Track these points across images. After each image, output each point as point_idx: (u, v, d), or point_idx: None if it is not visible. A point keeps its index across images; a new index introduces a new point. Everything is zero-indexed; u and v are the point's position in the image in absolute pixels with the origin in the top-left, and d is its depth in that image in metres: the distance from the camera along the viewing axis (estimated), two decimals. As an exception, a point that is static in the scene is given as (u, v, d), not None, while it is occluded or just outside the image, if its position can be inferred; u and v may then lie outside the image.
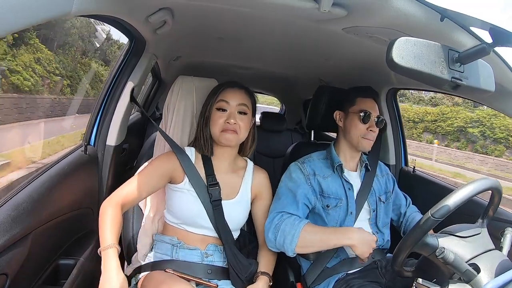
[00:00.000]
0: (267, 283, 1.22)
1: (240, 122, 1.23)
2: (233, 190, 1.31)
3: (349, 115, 1.41)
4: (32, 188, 0.99)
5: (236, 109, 1.24)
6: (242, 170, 1.35)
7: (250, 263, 1.27)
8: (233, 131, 1.22)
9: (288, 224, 1.23)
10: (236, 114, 1.24)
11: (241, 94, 1.27)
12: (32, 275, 1.01)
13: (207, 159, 1.29)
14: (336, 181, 1.38)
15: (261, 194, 1.36)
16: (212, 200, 1.23)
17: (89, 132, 1.42)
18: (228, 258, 1.24)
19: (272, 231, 1.25)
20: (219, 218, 1.24)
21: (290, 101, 3.70)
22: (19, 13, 0.55)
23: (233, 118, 1.22)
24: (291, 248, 1.22)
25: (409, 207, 1.53)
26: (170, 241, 1.26)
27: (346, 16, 0.99)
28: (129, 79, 1.48)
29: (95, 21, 13.73)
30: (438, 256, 0.89)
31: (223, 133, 1.22)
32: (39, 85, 9.90)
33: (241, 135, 1.25)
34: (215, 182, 1.26)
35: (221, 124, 1.22)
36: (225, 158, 1.31)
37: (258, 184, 1.36)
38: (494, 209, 1.05)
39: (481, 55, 0.77)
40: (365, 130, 1.37)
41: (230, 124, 1.21)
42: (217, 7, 1.17)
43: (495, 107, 1.29)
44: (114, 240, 1.03)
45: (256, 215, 1.37)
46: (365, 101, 1.40)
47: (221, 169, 1.30)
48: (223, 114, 1.23)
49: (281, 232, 1.23)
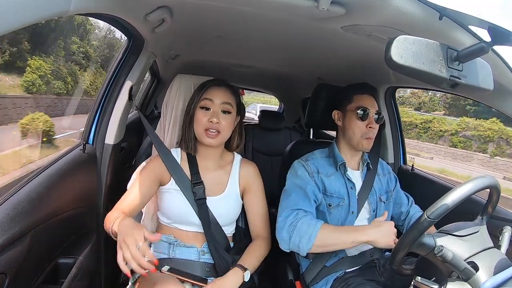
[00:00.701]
0: (238, 275, 1.17)
1: (223, 121, 1.23)
2: (220, 185, 1.31)
3: (347, 113, 1.40)
4: (31, 187, 0.99)
5: (220, 107, 1.24)
6: (229, 165, 1.36)
7: (234, 260, 1.25)
8: (215, 132, 1.22)
9: (304, 223, 1.21)
10: (220, 113, 1.24)
11: (226, 92, 1.27)
12: (31, 274, 1.01)
13: (192, 158, 1.30)
14: (339, 180, 1.37)
15: (250, 186, 1.36)
16: (196, 198, 1.24)
17: (87, 131, 1.42)
18: (212, 255, 1.25)
19: (287, 230, 1.22)
20: (205, 216, 1.24)
21: (289, 99, 3.70)
22: (17, 12, 0.55)
23: (216, 117, 1.22)
24: (307, 247, 1.19)
25: (412, 207, 1.52)
26: (167, 239, 1.26)
27: (344, 15, 0.99)
28: (127, 77, 1.48)
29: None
30: (437, 255, 0.90)
31: (205, 134, 1.22)
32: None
33: (224, 134, 1.25)
34: (199, 181, 1.27)
35: (205, 123, 1.22)
36: (210, 157, 1.32)
37: (245, 176, 1.35)
38: (493, 207, 1.05)
39: (479, 54, 0.77)
40: (365, 128, 1.35)
41: (213, 123, 1.21)
42: (215, 6, 1.16)
43: (493, 106, 1.29)
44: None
45: (247, 208, 1.36)
46: (362, 97, 1.39)
47: (208, 167, 1.31)
48: (206, 113, 1.24)
49: (297, 231, 1.20)
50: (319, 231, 1.19)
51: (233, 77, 2.94)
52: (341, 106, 1.44)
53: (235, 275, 1.17)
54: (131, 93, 1.47)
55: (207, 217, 1.24)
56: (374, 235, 1.17)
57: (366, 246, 1.37)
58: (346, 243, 1.20)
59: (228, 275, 1.17)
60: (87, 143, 1.39)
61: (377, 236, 1.17)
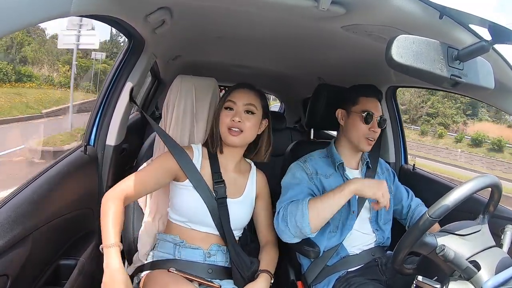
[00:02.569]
0: (268, 281, 1.22)
1: (246, 121, 1.24)
2: (238, 189, 1.32)
3: (351, 114, 1.40)
4: (32, 189, 0.99)
5: (242, 108, 1.26)
6: (247, 171, 1.38)
7: (252, 262, 1.27)
8: (238, 130, 1.23)
9: (292, 206, 1.22)
10: (243, 113, 1.25)
11: (249, 94, 1.29)
12: (33, 276, 1.01)
13: (213, 157, 1.31)
14: (338, 180, 1.37)
15: (262, 194, 1.38)
16: (217, 197, 1.24)
17: (88, 132, 1.42)
18: (232, 256, 1.24)
19: (281, 220, 1.23)
20: (224, 216, 1.24)
21: (290, 99, 3.70)
22: (18, 14, 0.55)
23: (238, 116, 1.23)
24: (306, 224, 1.17)
25: (412, 200, 1.51)
26: (172, 240, 1.26)
27: (345, 14, 0.99)
28: (128, 79, 1.48)
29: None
30: (439, 254, 0.89)
31: (228, 133, 1.24)
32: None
33: (247, 133, 1.26)
34: (221, 180, 1.27)
35: (227, 122, 1.24)
36: (232, 157, 1.32)
37: (260, 184, 1.38)
38: (494, 206, 1.05)
39: (480, 53, 0.77)
40: (367, 131, 1.36)
41: (235, 122, 1.22)
42: (216, 6, 1.17)
43: (494, 104, 1.29)
44: (117, 239, 1.04)
45: (257, 214, 1.37)
46: (368, 100, 1.39)
47: (228, 168, 1.32)
48: (229, 113, 1.25)
49: (289, 215, 1.21)
50: (308, 203, 1.19)
51: (233, 77, 2.95)
52: (345, 105, 1.44)
53: (265, 281, 1.21)
54: (132, 95, 1.47)
55: (226, 217, 1.25)
56: (359, 185, 1.18)
57: (368, 245, 1.37)
58: (339, 203, 1.18)
59: (259, 281, 1.20)
60: (88, 144, 1.40)
61: (364, 185, 1.18)
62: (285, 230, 1.22)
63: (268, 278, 1.23)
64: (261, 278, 1.21)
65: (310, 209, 1.18)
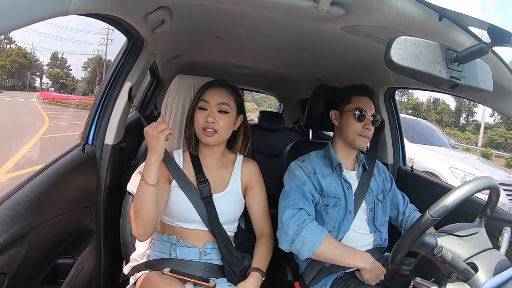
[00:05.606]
0: (259, 280, 1.22)
1: (220, 121, 1.25)
2: (223, 183, 1.32)
3: (345, 113, 1.42)
4: (30, 187, 0.99)
5: (216, 108, 1.26)
6: (231, 164, 1.37)
7: (244, 257, 1.27)
8: (212, 130, 1.24)
9: (309, 230, 1.23)
10: (216, 113, 1.25)
11: (222, 93, 1.29)
12: (31, 275, 1.01)
13: (195, 158, 1.32)
14: (335, 180, 1.38)
15: (251, 183, 1.37)
16: (202, 196, 1.25)
17: (87, 131, 1.42)
18: (222, 252, 1.25)
19: (292, 231, 1.24)
20: (212, 214, 1.25)
21: (288, 100, 3.70)
22: (16, 12, 0.55)
23: (211, 117, 1.24)
24: (307, 254, 1.23)
25: (407, 206, 1.53)
26: (168, 239, 1.26)
27: (344, 15, 0.99)
28: (127, 78, 1.48)
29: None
30: (436, 255, 0.90)
31: (203, 133, 1.24)
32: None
33: (221, 133, 1.26)
34: (204, 179, 1.28)
35: (202, 123, 1.25)
36: (212, 155, 1.33)
37: (247, 174, 1.37)
38: (492, 208, 1.05)
39: (479, 55, 0.77)
40: (360, 128, 1.38)
41: (208, 122, 1.23)
42: (215, 6, 1.17)
43: (493, 107, 1.29)
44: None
45: (250, 205, 1.37)
46: (360, 99, 1.41)
47: (211, 166, 1.33)
48: (203, 113, 1.26)
49: (301, 237, 1.23)
50: (322, 243, 1.22)
51: (232, 77, 2.94)
52: (339, 106, 1.46)
53: (256, 280, 1.21)
54: (131, 94, 1.47)
55: (214, 215, 1.25)
56: (370, 265, 1.23)
57: (366, 246, 1.38)
58: (344, 262, 1.25)
59: (250, 280, 1.20)
60: (87, 143, 1.39)
61: (372, 268, 1.23)
62: (288, 242, 1.25)
63: (259, 276, 1.22)
64: (252, 277, 1.21)
65: (320, 248, 1.22)
